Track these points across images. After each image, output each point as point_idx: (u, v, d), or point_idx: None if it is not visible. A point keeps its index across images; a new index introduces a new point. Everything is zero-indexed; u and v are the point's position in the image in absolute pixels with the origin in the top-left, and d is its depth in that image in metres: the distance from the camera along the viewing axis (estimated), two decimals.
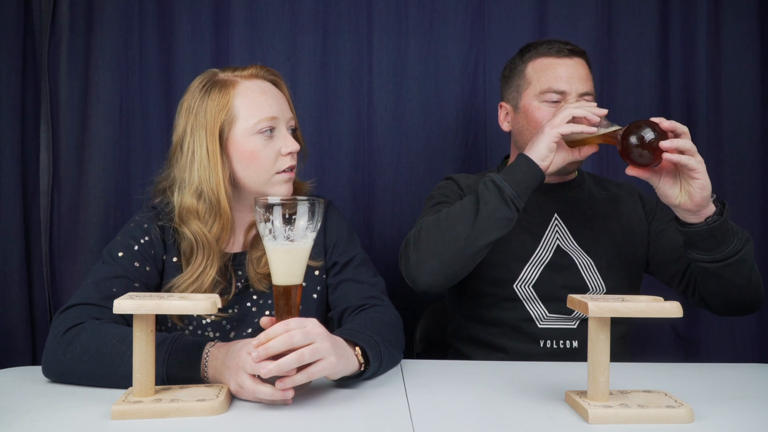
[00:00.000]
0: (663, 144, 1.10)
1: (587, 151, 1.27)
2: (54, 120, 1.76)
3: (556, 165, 1.25)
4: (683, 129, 1.12)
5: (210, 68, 1.28)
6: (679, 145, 1.10)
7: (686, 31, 1.87)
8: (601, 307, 0.87)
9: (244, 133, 1.20)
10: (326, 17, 1.84)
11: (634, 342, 1.45)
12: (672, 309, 0.88)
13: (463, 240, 1.20)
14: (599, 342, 0.90)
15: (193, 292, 1.17)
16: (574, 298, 0.94)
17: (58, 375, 1.04)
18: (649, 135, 1.11)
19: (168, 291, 1.19)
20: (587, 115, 1.19)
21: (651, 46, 1.88)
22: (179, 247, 1.22)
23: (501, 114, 1.49)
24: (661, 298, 0.91)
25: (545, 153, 1.21)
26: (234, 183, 1.23)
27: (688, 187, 1.13)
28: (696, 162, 1.10)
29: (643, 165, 1.15)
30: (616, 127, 1.18)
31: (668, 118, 1.16)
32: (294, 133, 1.26)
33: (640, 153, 1.12)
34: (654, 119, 1.13)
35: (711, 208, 1.16)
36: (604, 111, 1.20)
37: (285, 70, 1.83)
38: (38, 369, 1.06)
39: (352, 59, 1.84)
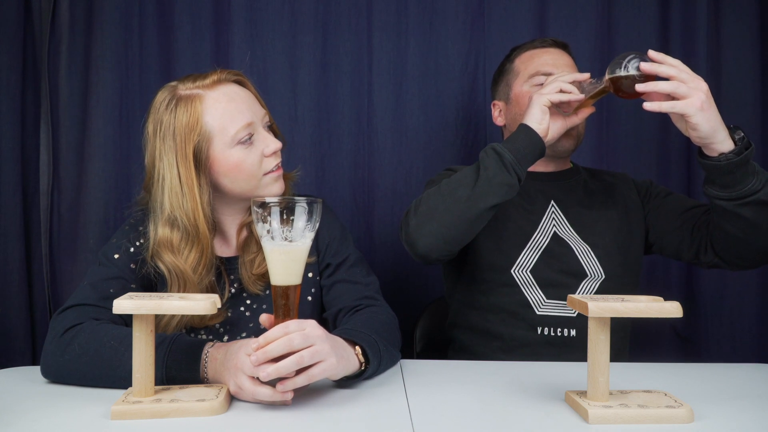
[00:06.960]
0: (643, 67, 1.12)
1: (584, 113, 1.30)
2: (54, 120, 1.76)
3: (555, 131, 1.27)
4: (673, 62, 1.12)
5: (210, 68, 1.23)
6: (659, 70, 1.11)
7: (686, 31, 1.87)
8: (601, 307, 0.87)
9: (223, 147, 1.15)
10: (326, 17, 1.84)
11: (634, 342, 1.44)
12: (672, 309, 0.88)
13: (463, 203, 1.21)
14: (599, 342, 0.89)
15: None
16: (573, 298, 0.94)
17: (57, 376, 1.04)
18: (632, 63, 1.14)
19: None
20: (570, 89, 1.23)
21: (651, 46, 1.87)
22: None
23: (495, 112, 1.53)
24: (661, 298, 0.91)
25: (540, 116, 1.24)
26: (221, 193, 1.20)
27: (686, 124, 1.14)
28: (683, 105, 1.09)
29: (636, 93, 1.16)
30: (603, 82, 1.20)
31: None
32: (270, 128, 1.23)
33: (630, 83, 1.14)
34: (633, 54, 1.15)
35: (726, 145, 1.14)
36: (586, 75, 1.26)
37: (285, 70, 1.83)
38: (38, 369, 1.06)
39: (352, 59, 1.84)
